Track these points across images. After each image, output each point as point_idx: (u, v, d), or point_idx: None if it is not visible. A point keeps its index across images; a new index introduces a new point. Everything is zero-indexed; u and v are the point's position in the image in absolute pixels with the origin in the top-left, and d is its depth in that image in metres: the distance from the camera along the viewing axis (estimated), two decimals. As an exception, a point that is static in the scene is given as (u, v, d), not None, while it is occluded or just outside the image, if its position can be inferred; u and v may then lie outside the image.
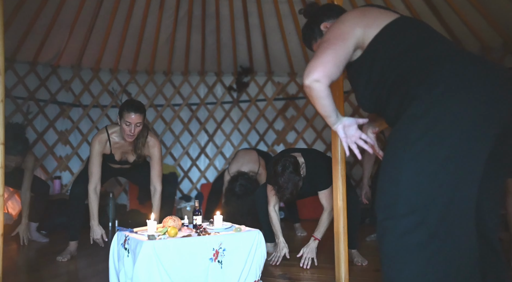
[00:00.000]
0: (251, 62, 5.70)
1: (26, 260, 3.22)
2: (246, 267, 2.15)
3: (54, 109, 5.48)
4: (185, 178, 5.79)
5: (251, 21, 5.17)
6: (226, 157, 5.84)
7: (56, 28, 4.86)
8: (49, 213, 4.53)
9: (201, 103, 5.91)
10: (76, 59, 5.44)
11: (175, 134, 5.82)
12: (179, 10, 4.99)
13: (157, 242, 1.95)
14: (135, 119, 2.86)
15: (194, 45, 5.48)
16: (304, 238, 3.92)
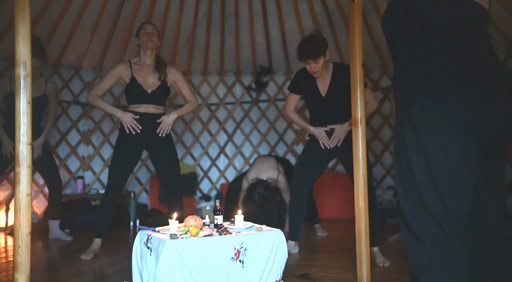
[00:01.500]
0: (270, 62, 5.70)
1: (51, 258, 3.29)
2: (267, 266, 2.15)
3: (77, 110, 5.58)
4: (204, 178, 5.82)
5: (270, 21, 5.17)
6: (246, 157, 5.85)
7: (79, 30, 4.95)
8: (72, 212, 4.62)
9: (221, 103, 5.93)
10: (97, 61, 5.53)
11: (195, 134, 5.86)
12: (199, 11, 5.02)
13: (179, 241, 1.96)
14: (150, 27, 3.23)
15: (213, 45, 5.51)
16: (325, 238, 3.89)
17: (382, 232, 3.32)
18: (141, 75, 3.20)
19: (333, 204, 5.07)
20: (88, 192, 5.35)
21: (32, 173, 1.79)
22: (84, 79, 5.60)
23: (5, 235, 4.34)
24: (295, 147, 5.72)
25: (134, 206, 4.99)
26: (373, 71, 5.40)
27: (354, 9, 2.34)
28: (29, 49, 1.69)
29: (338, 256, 3.06)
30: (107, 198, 3.17)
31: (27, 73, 1.70)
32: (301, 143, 5.71)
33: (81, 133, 5.56)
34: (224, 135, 5.94)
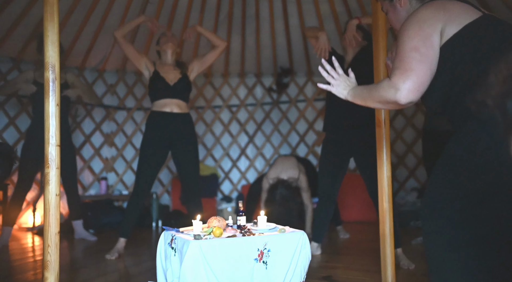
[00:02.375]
0: (291, 63, 5.69)
1: (77, 257, 3.35)
2: (291, 268, 2.14)
3: (100, 112, 5.67)
4: (225, 179, 5.84)
5: (291, 22, 5.16)
6: (266, 158, 5.85)
7: (103, 34, 5.04)
8: (96, 213, 4.69)
9: (241, 104, 5.95)
10: (120, 64, 5.61)
11: (216, 135, 5.90)
12: (220, 13, 5.05)
13: (203, 241, 1.97)
14: (168, 32, 3.49)
15: (234, 47, 5.53)
16: (347, 240, 3.86)
17: (406, 234, 3.28)
18: (163, 70, 3.33)
19: (354, 206, 5.03)
20: (112, 193, 5.43)
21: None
22: (107, 82, 5.70)
23: (32, 234, 4.44)
24: (316, 148, 5.68)
25: (156, 207, 5.04)
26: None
27: (377, 8, 2.32)
28: (58, 53, 1.73)
29: (361, 258, 3.03)
30: (134, 198, 3.22)
31: (56, 76, 1.74)
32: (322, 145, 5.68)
33: (105, 135, 5.65)
34: (245, 136, 5.96)
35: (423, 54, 1.40)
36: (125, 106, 5.81)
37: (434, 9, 1.49)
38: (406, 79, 1.38)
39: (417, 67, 1.38)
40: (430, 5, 1.51)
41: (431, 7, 1.50)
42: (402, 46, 1.45)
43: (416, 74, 1.38)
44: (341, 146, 3.11)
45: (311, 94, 5.79)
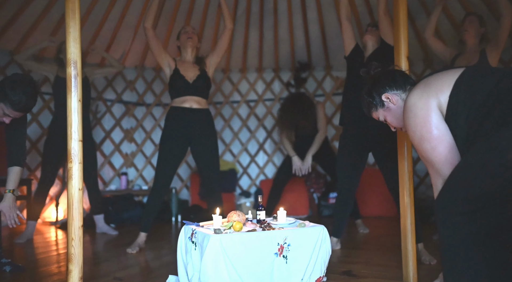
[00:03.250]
0: (309, 57, 5.65)
1: (99, 251, 3.40)
2: (311, 262, 2.14)
3: (120, 108, 5.74)
4: (244, 174, 5.85)
5: (310, 16, 5.12)
6: (285, 153, 5.82)
7: (122, 30, 5.09)
8: (117, 207, 4.76)
9: (259, 99, 5.94)
10: (139, 60, 5.66)
11: (234, 131, 5.91)
12: (238, 8, 5.04)
13: (224, 236, 1.98)
14: (189, 27, 3.46)
15: (252, 42, 5.52)
16: (367, 235, 3.83)
17: (427, 230, 3.23)
18: (183, 67, 3.34)
19: (374, 200, 4.98)
20: (132, 188, 5.50)
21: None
22: (126, 78, 5.75)
23: (56, 228, 4.53)
24: (335, 143, 5.64)
25: (175, 202, 5.09)
26: (416, 64, 5.25)
27: (398, 1, 2.28)
28: (79, 49, 1.75)
29: (382, 253, 3.01)
30: (154, 193, 3.25)
31: (78, 72, 1.76)
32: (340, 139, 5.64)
33: (124, 131, 5.72)
34: (263, 131, 5.95)
35: (431, 138, 1.52)
36: (144, 102, 5.86)
37: (418, 94, 1.58)
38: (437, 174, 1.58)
39: (435, 156, 1.53)
40: (414, 93, 1.60)
41: (415, 94, 1.59)
42: (413, 143, 1.61)
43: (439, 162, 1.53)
44: (359, 140, 3.08)
45: (330, 89, 5.75)
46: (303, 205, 5.27)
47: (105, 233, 4.13)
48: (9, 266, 2.63)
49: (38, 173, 4.67)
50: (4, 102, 2.29)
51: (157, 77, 5.85)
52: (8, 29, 4.45)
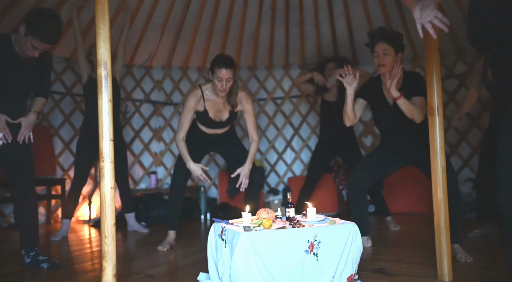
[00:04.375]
0: (336, 53, 5.58)
1: (131, 249, 3.46)
2: (342, 260, 2.11)
3: (149, 108, 5.83)
4: (272, 172, 5.85)
5: (336, 11, 5.06)
6: (312, 150, 5.79)
7: (149, 31, 5.16)
8: (147, 206, 4.84)
9: (286, 96, 5.92)
10: (166, 60, 5.73)
11: (261, 128, 5.90)
12: (263, 5, 5.03)
13: (254, 233, 1.98)
14: (226, 75, 2.94)
15: (278, 38, 5.50)
16: (398, 232, 3.76)
17: (462, 225, 3.14)
18: (213, 109, 3.21)
19: (404, 197, 4.89)
20: (161, 186, 5.58)
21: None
22: (154, 78, 5.83)
23: (89, 226, 4.64)
24: (363, 139, 5.57)
25: (204, 200, 5.13)
26: (447, 57, 5.12)
27: None
28: (109, 50, 1.78)
29: (414, 251, 2.94)
30: (174, 192, 3.29)
31: (108, 73, 1.79)
32: (369, 135, 5.56)
33: (153, 130, 5.81)
34: (290, 129, 5.93)
35: None
36: (172, 101, 5.93)
37: None
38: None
39: None
40: None
41: None
42: None
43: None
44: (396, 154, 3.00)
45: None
46: (332, 202, 5.22)
47: (136, 231, 4.20)
48: (46, 263, 2.70)
49: (72, 173, 4.79)
50: (32, 35, 2.46)
51: (184, 76, 5.91)
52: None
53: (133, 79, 5.68)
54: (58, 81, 5.12)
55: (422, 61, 5.27)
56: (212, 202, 5.40)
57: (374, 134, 5.51)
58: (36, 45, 2.50)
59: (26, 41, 2.50)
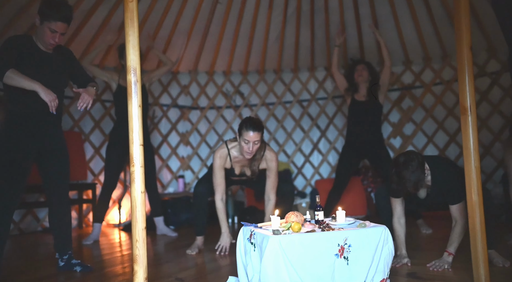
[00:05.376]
0: (362, 54, 5.52)
1: (160, 252, 3.50)
2: (373, 264, 2.07)
3: (176, 113, 5.90)
4: (299, 175, 5.81)
5: (362, 11, 5.00)
6: (339, 152, 5.72)
7: (175, 37, 5.23)
8: (175, 209, 4.88)
9: (312, 99, 5.88)
10: (193, 65, 5.79)
11: (287, 131, 5.88)
12: (288, 8, 5.02)
13: (283, 237, 1.97)
14: (254, 137, 2.94)
15: (303, 41, 5.48)
16: (430, 236, 3.66)
17: (497, 229, 3.03)
18: (238, 166, 3.28)
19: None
20: (189, 190, 5.62)
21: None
22: (181, 83, 5.90)
23: (119, 230, 4.72)
24: (392, 141, 5.47)
25: (231, 204, 5.14)
26: (478, 55, 4.98)
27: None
28: (138, 56, 1.81)
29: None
30: (198, 200, 3.32)
31: (137, 79, 1.82)
32: (398, 136, 5.46)
33: (180, 135, 5.87)
34: (316, 131, 5.88)
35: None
36: (198, 106, 5.98)
37: None
38: None
39: None
40: None
41: None
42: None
43: None
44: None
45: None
46: (361, 204, 5.15)
47: (165, 235, 4.24)
48: (79, 266, 2.76)
49: (102, 178, 4.89)
50: (47, 19, 2.54)
51: (210, 81, 5.95)
52: (73, 41, 4.69)
53: (160, 85, 5.76)
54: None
55: (452, 60, 5.15)
56: (239, 206, 5.41)
57: (403, 135, 5.41)
58: (53, 27, 2.56)
59: (44, 28, 2.57)
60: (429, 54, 5.31)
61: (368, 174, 5.39)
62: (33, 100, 2.57)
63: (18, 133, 2.59)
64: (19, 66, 2.53)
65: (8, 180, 2.51)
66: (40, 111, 2.64)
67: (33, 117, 2.64)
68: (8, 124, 2.60)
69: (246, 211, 5.09)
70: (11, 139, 2.58)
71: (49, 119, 2.71)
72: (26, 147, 2.61)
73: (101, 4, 4.46)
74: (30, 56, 2.60)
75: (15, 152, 2.57)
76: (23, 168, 2.59)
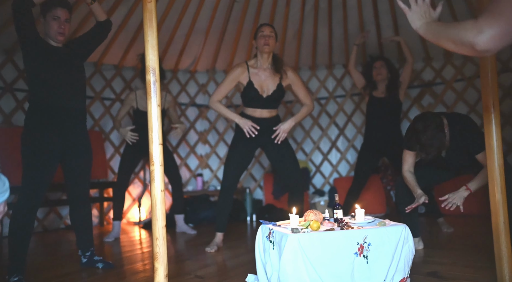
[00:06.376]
0: (381, 51, 5.46)
1: (180, 250, 3.53)
2: (393, 263, 2.05)
3: (194, 111, 5.94)
4: (317, 173, 5.79)
5: (380, 7, 4.95)
6: (358, 150, 5.68)
7: (193, 36, 5.26)
8: (194, 207, 4.92)
9: (330, 96, 5.85)
10: (210, 64, 5.82)
11: (305, 129, 5.86)
12: (306, 5, 5.00)
13: (302, 235, 1.96)
14: (267, 29, 3.21)
15: (321, 38, 5.45)
16: (452, 234, 3.61)
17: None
18: (258, 80, 3.23)
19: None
20: (207, 188, 5.66)
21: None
22: (199, 82, 5.94)
23: (139, 228, 4.78)
24: (412, 138, 5.39)
25: (250, 202, 5.16)
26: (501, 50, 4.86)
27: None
28: (157, 56, 1.83)
29: (469, 254, 2.81)
30: (223, 194, 3.31)
31: (156, 79, 1.84)
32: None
33: (199, 133, 5.90)
34: (335, 129, 5.85)
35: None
36: (217, 104, 6.00)
37: None
38: (494, 23, 1.19)
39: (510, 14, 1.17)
40: None
41: None
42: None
43: (507, 21, 1.17)
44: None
45: (404, 82, 5.50)
46: (380, 203, 5.10)
47: (184, 232, 4.28)
48: (101, 263, 2.81)
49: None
50: (48, 10, 2.61)
51: (228, 79, 5.97)
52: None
53: (179, 84, 5.80)
54: (108, 88, 5.32)
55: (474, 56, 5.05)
56: (257, 204, 5.42)
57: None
58: (55, 14, 2.61)
59: (48, 21, 2.62)
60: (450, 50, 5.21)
61: (387, 172, 5.34)
62: (58, 96, 2.60)
63: (43, 131, 2.59)
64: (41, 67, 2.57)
65: (34, 179, 2.53)
66: (65, 108, 2.66)
67: (57, 114, 2.63)
68: (32, 121, 2.60)
69: (264, 209, 5.09)
70: (36, 137, 2.57)
71: (74, 116, 2.71)
72: (51, 145, 2.60)
73: (119, 5, 4.52)
74: (46, 52, 2.62)
75: (41, 150, 2.56)
76: (49, 166, 2.60)
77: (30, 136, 2.57)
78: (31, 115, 2.60)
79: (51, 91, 2.59)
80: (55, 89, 2.61)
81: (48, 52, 2.63)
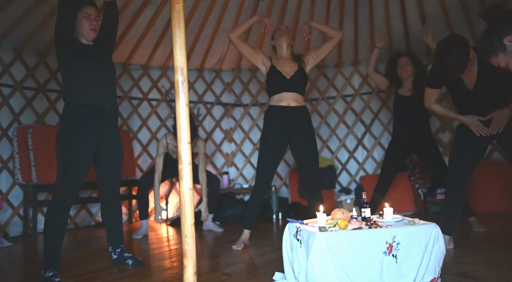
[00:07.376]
0: (408, 47, 5.36)
1: (207, 247, 3.57)
2: (423, 262, 2.02)
3: (219, 110, 5.98)
4: (343, 171, 5.74)
5: (408, 2, 4.84)
6: (385, 148, 5.60)
7: (219, 35, 5.29)
8: (221, 206, 4.96)
9: (356, 94, 5.78)
10: (235, 62, 5.84)
11: (331, 127, 5.82)
12: (331, 1, 4.95)
13: (329, 233, 1.96)
14: (282, 26, 3.52)
15: (347, 35, 5.38)
16: (484, 234, 3.52)
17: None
18: (280, 64, 3.37)
19: (489, 196, 4.58)
20: (233, 186, 5.70)
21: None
22: (224, 80, 5.97)
23: (167, 225, 4.85)
24: (440, 135, 5.29)
25: (275, 200, 5.16)
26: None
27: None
28: (185, 57, 1.85)
29: (503, 254, 2.74)
30: (256, 191, 3.32)
31: (184, 78, 1.86)
32: (447, 131, 5.27)
33: (224, 132, 5.94)
34: (361, 126, 5.78)
35: None
36: (242, 103, 6.03)
37: None
38: None
39: None
40: None
41: None
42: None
43: None
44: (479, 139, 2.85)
45: (433, 78, 5.39)
46: (408, 201, 5.02)
47: (211, 230, 4.32)
48: (131, 259, 2.87)
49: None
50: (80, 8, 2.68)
51: (253, 77, 5.99)
52: (121, 42, 4.86)
53: (204, 83, 5.85)
54: (136, 88, 5.41)
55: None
56: (283, 202, 5.42)
57: (452, 129, 5.21)
58: (87, 13, 2.68)
59: (80, 19, 2.68)
60: (480, 45, 5.08)
61: (415, 170, 5.25)
62: (92, 95, 2.65)
63: (78, 130, 2.61)
64: (76, 66, 2.64)
65: (69, 176, 2.56)
66: (99, 106, 2.69)
67: (92, 113, 2.66)
68: (68, 120, 2.62)
69: (290, 207, 5.09)
70: (72, 136, 2.59)
71: (107, 115, 2.74)
72: (86, 143, 2.63)
73: (147, 6, 4.59)
74: (80, 52, 2.68)
75: (77, 148, 2.59)
76: (84, 164, 2.63)
77: (66, 135, 2.59)
78: (66, 114, 2.63)
79: (85, 90, 2.64)
80: (89, 88, 2.66)
81: (81, 51, 2.68)
